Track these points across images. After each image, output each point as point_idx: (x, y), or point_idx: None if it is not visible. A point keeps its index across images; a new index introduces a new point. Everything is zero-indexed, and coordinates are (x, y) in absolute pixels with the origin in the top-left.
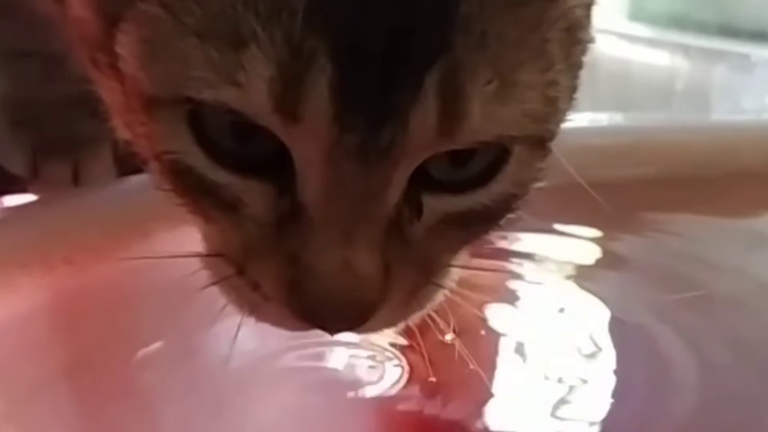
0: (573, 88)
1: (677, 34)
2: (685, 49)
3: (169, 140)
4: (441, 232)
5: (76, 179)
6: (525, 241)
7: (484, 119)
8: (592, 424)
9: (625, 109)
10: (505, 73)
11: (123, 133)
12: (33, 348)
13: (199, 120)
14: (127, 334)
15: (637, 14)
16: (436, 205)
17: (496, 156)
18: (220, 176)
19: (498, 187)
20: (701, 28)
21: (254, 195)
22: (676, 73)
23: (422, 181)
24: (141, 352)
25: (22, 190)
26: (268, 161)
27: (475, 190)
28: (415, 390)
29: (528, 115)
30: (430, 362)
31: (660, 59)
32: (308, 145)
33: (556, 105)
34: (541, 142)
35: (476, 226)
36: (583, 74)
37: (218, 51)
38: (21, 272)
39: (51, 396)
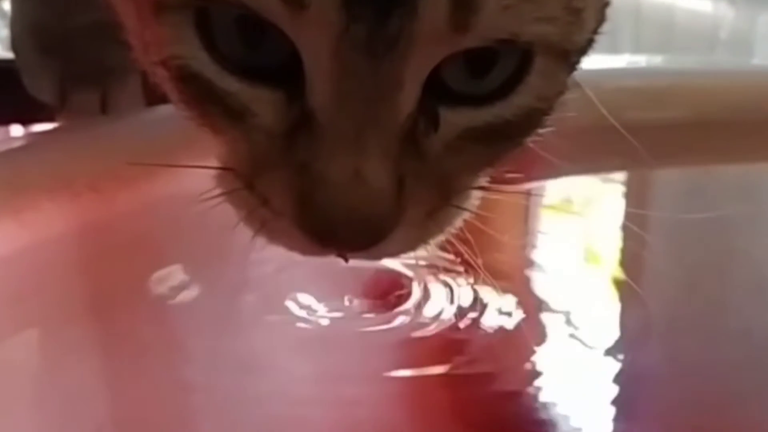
0: (600, 6)
1: None
2: None
3: (177, 45)
4: (460, 149)
5: (104, 108)
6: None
7: (499, 12)
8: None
9: (667, 55)
10: None
11: (141, 60)
12: (61, 274)
13: (206, 25)
14: (152, 263)
15: None
16: (453, 118)
17: (517, 67)
18: (228, 83)
19: (519, 99)
20: None
21: (263, 104)
22: (719, 21)
23: (439, 92)
24: (166, 282)
25: (50, 118)
26: (277, 68)
27: (495, 103)
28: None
29: (549, 21)
30: None
31: (704, 6)
32: (315, 38)
33: (580, 16)
34: (564, 54)
35: (497, 144)
36: (626, 19)
37: None
38: (46, 197)
39: (81, 324)
